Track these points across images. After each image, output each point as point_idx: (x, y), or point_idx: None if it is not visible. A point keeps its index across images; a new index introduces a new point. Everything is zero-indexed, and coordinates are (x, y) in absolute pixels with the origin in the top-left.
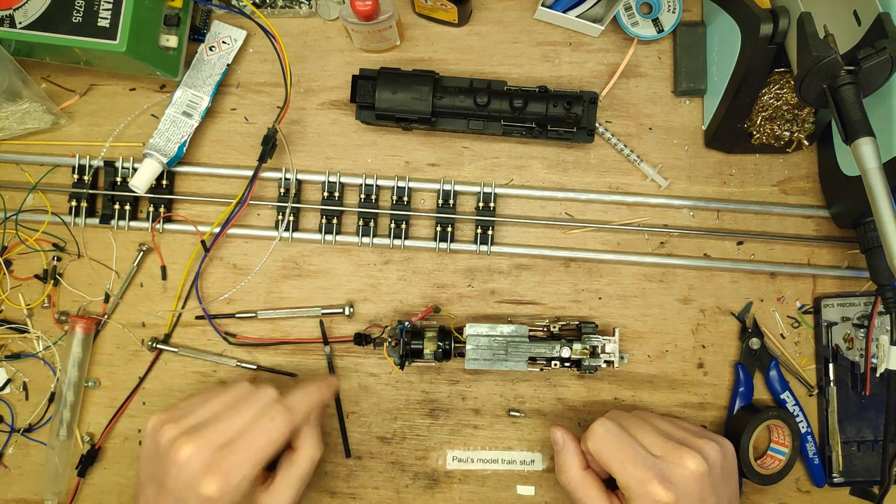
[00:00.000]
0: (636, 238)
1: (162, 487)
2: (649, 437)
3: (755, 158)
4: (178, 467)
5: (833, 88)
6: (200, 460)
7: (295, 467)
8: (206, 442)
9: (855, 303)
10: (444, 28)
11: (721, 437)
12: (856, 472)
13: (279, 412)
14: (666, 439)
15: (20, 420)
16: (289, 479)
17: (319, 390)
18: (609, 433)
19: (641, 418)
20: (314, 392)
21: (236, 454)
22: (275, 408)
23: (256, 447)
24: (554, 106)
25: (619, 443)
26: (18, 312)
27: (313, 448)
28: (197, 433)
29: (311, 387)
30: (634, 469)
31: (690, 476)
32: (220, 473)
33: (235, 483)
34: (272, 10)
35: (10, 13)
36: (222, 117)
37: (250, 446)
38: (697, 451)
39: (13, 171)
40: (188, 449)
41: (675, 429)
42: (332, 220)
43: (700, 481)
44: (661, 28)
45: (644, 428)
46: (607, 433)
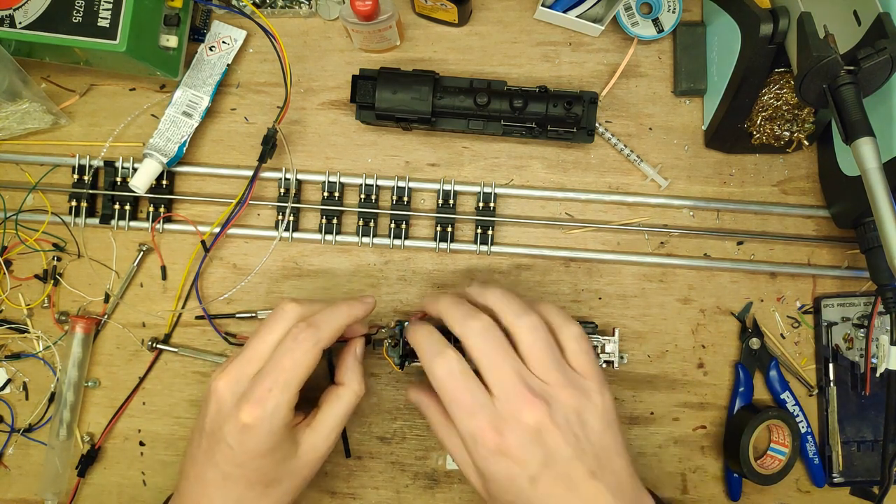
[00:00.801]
0: (636, 238)
1: (201, 431)
2: (497, 372)
3: (755, 158)
4: (214, 404)
5: (833, 88)
6: (234, 392)
7: (338, 402)
8: (238, 373)
9: (855, 303)
10: (444, 28)
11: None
12: (856, 472)
13: (301, 330)
14: (516, 381)
15: (20, 420)
16: (331, 415)
17: (349, 307)
18: (448, 373)
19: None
20: (343, 308)
21: (266, 379)
22: (298, 326)
23: (284, 369)
24: (554, 106)
25: (454, 385)
26: (18, 312)
27: (357, 384)
28: (230, 366)
29: (340, 303)
30: (468, 419)
31: (529, 427)
32: (254, 401)
33: (270, 409)
34: (272, 10)
35: (10, 13)
36: (222, 117)
37: (279, 369)
38: (544, 400)
39: (13, 171)
40: (220, 383)
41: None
42: (332, 220)
43: (537, 437)
44: (661, 28)
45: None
46: (447, 373)
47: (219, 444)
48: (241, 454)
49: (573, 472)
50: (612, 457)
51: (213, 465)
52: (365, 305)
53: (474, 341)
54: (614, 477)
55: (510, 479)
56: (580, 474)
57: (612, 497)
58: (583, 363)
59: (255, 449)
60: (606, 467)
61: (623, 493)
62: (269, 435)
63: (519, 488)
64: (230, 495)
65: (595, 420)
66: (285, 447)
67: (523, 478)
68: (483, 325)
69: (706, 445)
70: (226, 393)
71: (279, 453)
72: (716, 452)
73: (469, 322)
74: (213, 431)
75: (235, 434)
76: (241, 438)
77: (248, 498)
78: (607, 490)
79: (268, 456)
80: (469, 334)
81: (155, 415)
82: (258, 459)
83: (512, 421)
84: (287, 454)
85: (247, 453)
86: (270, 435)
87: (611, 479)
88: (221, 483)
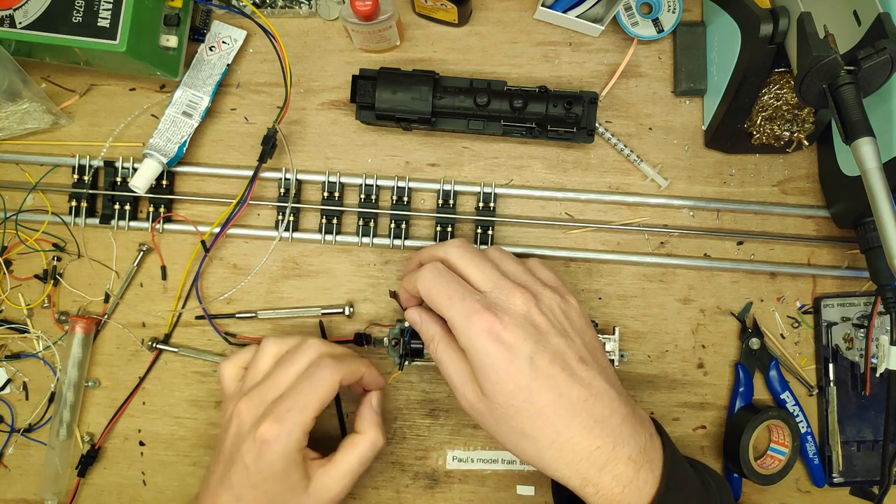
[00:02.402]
0: (636, 238)
1: (219, 456)
2: (482, 273)
3: (755, 158)
4: (235, 426)
5: (833, 88)
6: (254, 414)
7: (355, 449)
8: (260, 398)
9: (855, 303)
10: (444, 28)
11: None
12: (856, 472)
13: (326, 361)
14: (500, 276)
15: (20, 420)
16: (347, 460)
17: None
18: (436, 275)
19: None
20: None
21: (287, 401)
22: (322, 358)
23: (306, 393)
24: (554, 106)
25: (445, 281)
26: (18, 312)
27: (376, 434)
28: (253, 391)
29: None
30: (460, 303)
31: (519, 311)
32: (272, 418)
33: (288, 428)
34: (272, 10)
35: (10, 13)
36: (222, 117)
37: (300, 392)
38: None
39: (13, 171)
40: (243, 406)
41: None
42: (332, 220)
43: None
44: (661, 28)
45: (480, 265)
46: (435, 275)
47: (236, 464)
48: (256, 473)
49: (565, 355)
50: (597, 352)
51: (227, 486)
52: (381, 379)
53: (455, 256)
54: (601, 368)
55: (509, 363)
56: (573, 357)
57: (605, 383)
58: (551, 279)
59: (269, 468)
60: (594, 358)
61: (613, 382)
62: (285, 454)
63: (518, 370)
64: None
65: (576, 317)
66: (297, 476)
67: (521, 359)
68: (459, 243)
69: (706, 445)
70: (247, 415)
71: (291, 480)
72: (716, 452)
73: (447, 246)
74: (232, 453)
75: (253, 451)
76: (258, 456)
77: None
78: (600, 375)
79: (280, 480)
80: (450, 253)
81: (155, 415)
82: (271, 481)
83: (503, 305)
84: (298, 485)
85: (261, 473)
86: (286, 454)
87: (599, 368)
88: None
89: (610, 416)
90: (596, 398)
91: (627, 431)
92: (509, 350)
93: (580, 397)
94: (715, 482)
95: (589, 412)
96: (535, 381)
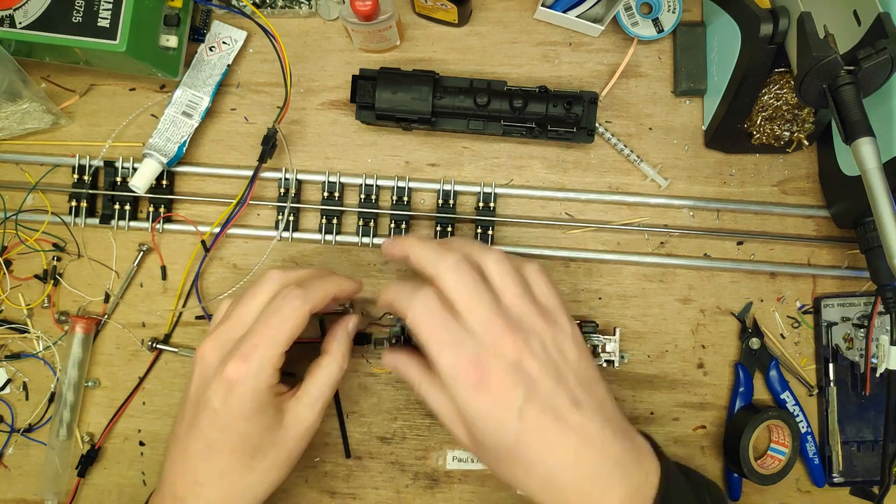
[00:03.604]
0: (636, 238)
1: (185, 403)
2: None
3: (755, 158)
4: (199, 370)
5: (833, 88)
6: (218, 354)
7: (320, 372)
8: (223, 337)
9: (855, 303)
10: (444, 28)
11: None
12: (856, 472)
13: (291, 290)
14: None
15: (20, 420)
16: (314, 384)
17: (338, 277)
18: (426, 311)
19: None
20: (333, 277)
21: (253, 336)
22: (287, 287)
23: (272, 327)
24: (554, 106)
25: (433, 324)
26: (18, 312)
27: (342, 355)
28: (214, 332)
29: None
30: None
31: (509, 358)
32: (239, 357)
33: (256, 365)
34: (272, 11)
35: (10, 13)
36: (222, 117)
37: (266, 326)
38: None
39: (13, 171)
40: (205, 348)
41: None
42: (332, 220)
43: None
44: (661, 28)
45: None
46: (425, 311)
47: (204, 409)
48: (225, 416)
49: (557, 402)
50: (592, 385)
51: (197, 434)
52: (355, 283)
53: (447, 277)
54: (598, 403)
55: (496, 416)
56: (564, 403)
57: (599, 426)
58: (549, 296)
59: (239, 409)
60: (589, 393)
61: (609, 420)
62: (255, 393)
63: (506, 424)
64: (214, 467)
65: (570, 348)
66: (270, 413)
67: (510, 413)
68: (455, 260)
69: (706, 445)
70: (211, 356)
71: (264, 418)
72: (716, 452)
73: (442, 260)
74: (198, 398)
75: (220, 393)
76: (226, 397)
77: (233, 469)
78: (594, 419)
79: (252, 419)
80: (443, 271)
81: (155, 415)
82: (242, 422)
83: (492, 355)
84: (272, 422)
85: (231, 413)
86: (255, 393)
87: (594, 407)
88: (205, 453)
89: (602, 463)
90: (588, 445)
91: (620, 473)
92: (496, 402)
93: (571, 446)
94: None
95: (579, 461)
96: (524, 434)
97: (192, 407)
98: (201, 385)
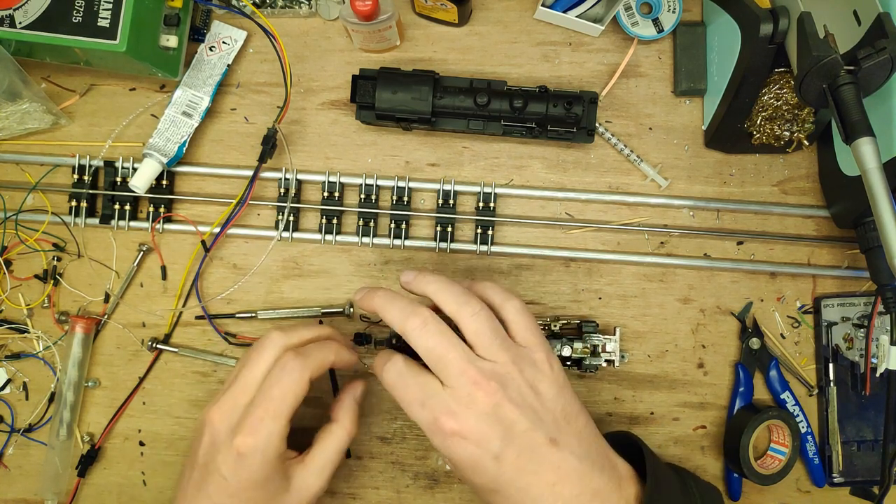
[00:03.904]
0: (636, 238)
1: (194, 463)
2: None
3: (755, 158)
4: (209, 435)
5: (833, 88)
6: (228, 422)
7: (329, 440)
8: (231, 403)
9: (855, 303)
10: (444, 28)
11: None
12: (856, 472)
13: (290, 359)
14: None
15: (20, 420)
16: (322, 452)
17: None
18: (397, 377)
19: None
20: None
21: (258, 409)
22: (286, 355)
23: (274, 398)
24: (554, 106)
25: (405, 385)
26: (18, 312)
27: (350, 422)
28: (223, 397)
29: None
30: (422, 410)
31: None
32: (247, 430)
33: (264, 438)
34: (272, 10)
35: (10, 13)
36: (222, 117)
37: (269, 398)
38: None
39: (13, 171)
40: (214, 414)
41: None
42: (332, 220)
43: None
44: (661, 28)
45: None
46: (396, 378)
47: (212, 475)
48: (235, 484)
49: (534, 443)
50: (571, 419)
51: (205, 496)
52: (352, 353)
53: (416, 337)
54: (576, 439)
55: (474, 461)
56: (541, 443)
57: (577, 460)
58: (527, 336)
59: (248, 479)
60: (566, 431)
61: (587, 453)
62: (263, 465)
63: (485, 468)
64: None
65: (547, 388)
66: (277, 481)
67: (487, 458)
68: (422, 320)
69: (706, 445)
70: (220, 423)
71: (271, 486)
72: (716, 452)
73: (409, 321)
74: (207, 463)
75: (230, 463)
76: (236, 468)
77: None
78: (571, 454)
79: (260, 488)
80: (410, 332)
81: (155, 415)
82: (250, 491)
83: (466, 405)
84: (279, 489)
85: (240, 483)
86: (264, 465)
87: (573, 441)
88: None
89: (580, 495)
90: (565, 481)
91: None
92: (474, 449)
93: (549, 483)
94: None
95: (557, 496)
96: (503, 476)
97: (201, 469)
98: (210, 450)
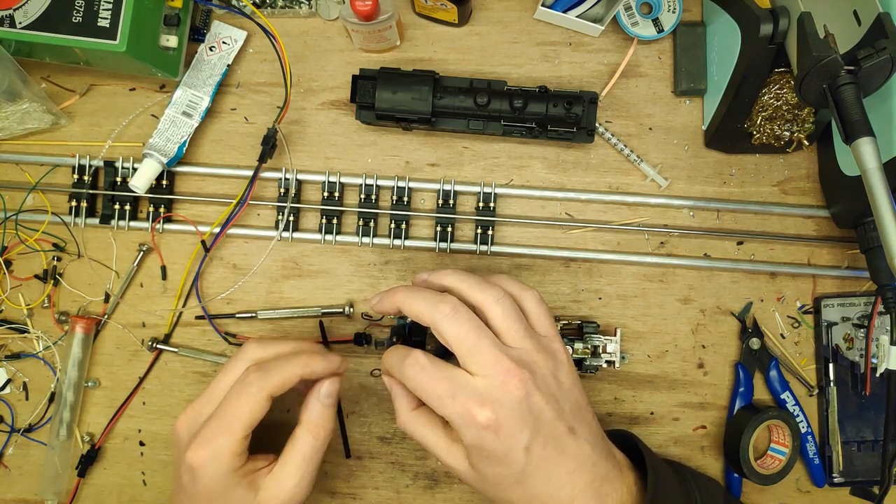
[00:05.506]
0: (636, 238)
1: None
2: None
3: (755, 158)
4: (175, 444)
5: (833, 88)
6: (189, 431)
7: (293, 446)
8: (195, 413)
9: (855, 303)
10: (444, 28)
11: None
12: (856, 472)
13: (251, 374)
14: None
15: (20, 420)
16: (289, 458)
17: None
18: (421, 371)
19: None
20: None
21: (213, 421)
22: (249, 370)
23: (228, 413)
24: (554, 106)
25: (431, 379)
26: (18, 312)
27: (314, 424)
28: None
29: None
30: (453, 403)
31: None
32: (199, 442)
33: (213, 452)
34: (272, 10)
35: (10, 13)
36: (222, 117)
37: (226, 413)
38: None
39: (13, 171)
40: (180, 421)
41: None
42: (332, 220)
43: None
44: (661, 28)
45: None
46: (419, 372)
47: (180, 486)
48: (195, 495)
49: (558, 432)
50: (583, 410)
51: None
52: (328, 362)
53: (446, 327)
54: (588, 428)
55: (505, 452)
56: (563, 432)
57: (591, 449)
58: (545, 326)
59: (204, 491)
60: (580, 419)
61: (597, 442)
62: (217, 478)
63: (514, 459)
64: None
65: (566, 377)
66: (240, 493)
67: (518, 448)
68: (452, 307)
69: (706, 445)
70: (182, 432)
71: (234, 497)
72: (716, 452)
73: (437, 308)
74: (176, 473)
75: (187, 475)
76: (192, 480)
77: None
78: (586, 442)
79: (219, 498)
80: (441, 320)
81: (155, 415)
82: (210, 501)
83: (501, 395)
84: (243, 499)
85: (198, 493)
86: (218, 478)
87: (586, 431)
88: None
89: (593, 480)
90: (581, 469)
91: (607, 488)
92: (506, 442)
93: (567, 471)
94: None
95: (573, 483)
96: (529, 466)
97: (175, 478)
98: (177, 461)
